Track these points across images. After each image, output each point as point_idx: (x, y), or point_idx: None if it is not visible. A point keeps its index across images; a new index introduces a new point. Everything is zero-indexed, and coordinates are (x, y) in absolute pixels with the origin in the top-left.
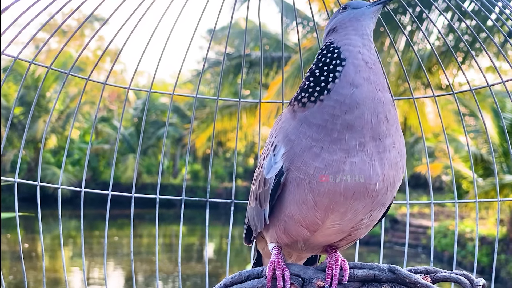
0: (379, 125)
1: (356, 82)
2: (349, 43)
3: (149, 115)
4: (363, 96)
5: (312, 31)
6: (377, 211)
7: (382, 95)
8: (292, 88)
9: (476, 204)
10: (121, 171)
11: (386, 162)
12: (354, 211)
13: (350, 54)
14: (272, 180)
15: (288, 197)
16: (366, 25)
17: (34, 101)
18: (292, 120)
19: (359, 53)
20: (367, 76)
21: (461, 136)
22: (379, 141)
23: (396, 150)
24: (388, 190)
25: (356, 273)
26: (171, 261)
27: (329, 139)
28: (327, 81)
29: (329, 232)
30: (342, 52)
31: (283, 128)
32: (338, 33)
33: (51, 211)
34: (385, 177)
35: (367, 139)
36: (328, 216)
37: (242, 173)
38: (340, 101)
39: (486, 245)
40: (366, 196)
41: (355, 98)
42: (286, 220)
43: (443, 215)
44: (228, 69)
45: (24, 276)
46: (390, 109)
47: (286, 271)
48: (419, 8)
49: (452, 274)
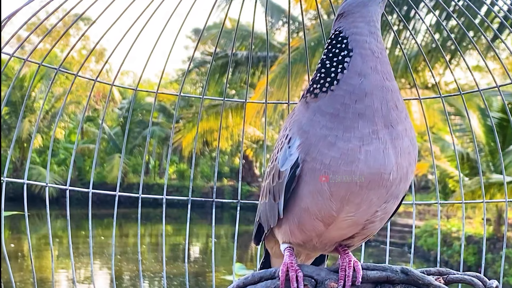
0: (390, 112)
1: (364, 72)
2: (356, 32)
3: (135, 115)
4: (371, 85)
5: (298, 30)
6: (391, 203)
7: (390, 84)
8: (279, 89)
9: (463, 205)
10: (106, 170)
11: (400, 150)
12: (369, 202)
13: (357, 43)
14: (287, 172)
15: (304, 189)
16: (373, 11)
17: (24, 101)
18: (306, 111)
19: (365, 42)
20: (374, 65)
21: (447, 135)
22: (392, 127)
23: (408, 138)
24: (402, 181)
25: (369, 274)
26: (157, 261)
27: (343, 127)
28: (336, 71)
29: (343, 225)
30: (350, 42)
31: (297, 121)
32: (346, 19)
33: (37, 210)
34: (398, 167)
35: (379, 126)
36: (344, 207)
37: (228, 173)
38: (349, 91)
39: (472, 244)
40: (381, 186)
41: (364, 87)
42: (301, 213)
43: (429, 214)
44: (214, 69)
45: (11, 276)
46: (399, 97)
47: (299, 273)
48: (405, 7)
49: (465, 276)
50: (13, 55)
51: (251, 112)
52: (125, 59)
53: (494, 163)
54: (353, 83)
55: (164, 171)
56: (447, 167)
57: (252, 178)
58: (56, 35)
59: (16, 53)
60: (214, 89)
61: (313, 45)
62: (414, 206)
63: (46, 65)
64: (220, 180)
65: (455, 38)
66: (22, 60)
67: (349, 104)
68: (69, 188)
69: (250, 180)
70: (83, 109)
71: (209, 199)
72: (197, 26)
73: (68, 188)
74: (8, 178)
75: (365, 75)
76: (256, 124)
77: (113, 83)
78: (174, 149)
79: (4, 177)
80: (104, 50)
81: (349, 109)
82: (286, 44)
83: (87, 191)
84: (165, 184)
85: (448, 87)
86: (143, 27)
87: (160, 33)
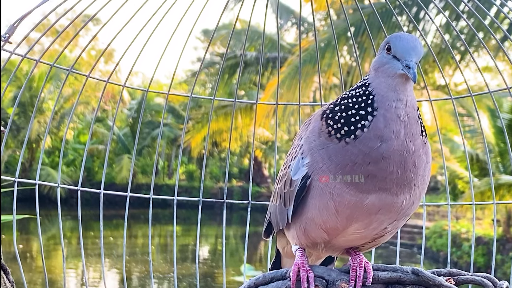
0: (406, 174)
1: (386, 137)
2: (382, 93)
3: (144, 116)
4: (391, 150)
5: (308, 30)
6: (402, 220)
7: (412, 144)
8: (289, 90)
9: (473, 207)
10: (116, 171)
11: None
12: (379, 222)
13: (383, 105)
14: (298, 181)
15: (310, 201)
16: (398, 82)
17: (36, 104)
18: (317, 137)
19: (392, 106)
20: (398, 129)
21: (457, 136)
22: (404, 185)
23: (424, 177)
24: (415, 202)
25: (380, 275)
26: (166, 262)
27: (347, 185)
28: (356, 126)
29: (351, 238)
30: (376, 100)
31: (309, 139)
32: (377, 76)
33: (46, 211)
34: (411, 195)
35: (389, 185)
36: (351, 224)
37: (237, 173)
38: (364, 152)
39: (482, 245)
40: (393, 212)
41: (381, 152)
42: (307, 222)
43: (438, 215)
44: (223, 70)
45: (23, 276)
46: (420, 154)
47: (310, 273)
48: (415, 8)
49: (475, 277)
50: (25, 56)
51: (261, 113)
52: (136, 60)
53: (504, 164)
54: (371, 145)
55: (173, 172)
56: (456, 168)
57: (261, 179)
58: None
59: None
60: (223, 89)
61: (323, 46)
62: (424, 207)
63: (58, 66)
64: (229, 180)
65: (464, 39)
66: (32, 60)
67: (361, 164)
68: (80, 189)
69: (259, 181)
70: (92, 110)
71: (219, 200)
72: (206, 27)
73: (79, 189)
74: (19, 179)
75: (386, 139)
76: (266, 125)
77: (124, 84)
78: (183, 150)
79: (16, 178)
80: (113, 51)
81: (359, 169)
82: (295, 45)
83: (98, 192)
84: (176, 185)
85: (457, 88)
86: (154, 28)
87: (172, 35)
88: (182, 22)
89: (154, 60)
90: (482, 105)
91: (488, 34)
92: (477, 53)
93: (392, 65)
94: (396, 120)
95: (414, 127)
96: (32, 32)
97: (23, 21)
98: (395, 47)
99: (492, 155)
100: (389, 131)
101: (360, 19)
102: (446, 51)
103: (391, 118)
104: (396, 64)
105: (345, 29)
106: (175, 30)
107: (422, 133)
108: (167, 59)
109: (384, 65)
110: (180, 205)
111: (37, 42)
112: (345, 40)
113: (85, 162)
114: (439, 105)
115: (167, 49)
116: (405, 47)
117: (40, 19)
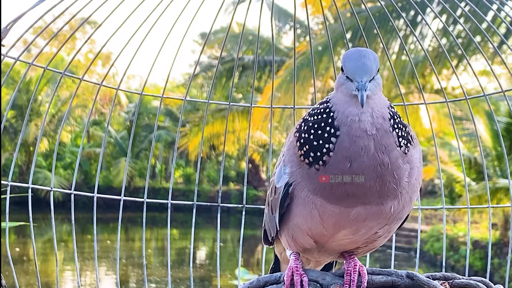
0: (385, 186)
1: (353, 156)
2: (343, 110)
3: (141, 119)
4: (363, 167)
5: (305, 34)
6: (394, 224)
7: (387, 157)
8: (286, 93)
9: (468, 210)
10: (113, 175)
11: (400, 195)
12: (368, 228)
13: (345, 122)
14: (281, 189)
15: (295, 209)
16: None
17: (29, 105)
18: (294, 155)
19: (354, 121)
20: (366, 144)
21: (454, 140)
22: (387, 196)
23: (411, 184)
24: (405, 207)
25: (374, 279)
26: (163, 265)
27: (328, 201)
28: (321, 150)
29: (343, 243)
30: (336, 118)
31: (289, 151)
32: (337, 94)
33: (43, 215)
34: (399, 201)
35: (372, 199)
36: (339, 231)
37: (234, 177)
38: (336, 175)
39: (479, 249)
40: (381, 218)
41: (353, 170)
42: (294, 228)
43: (435, 219)
44: (220, 73)
45: (16, 281)
46: (399, 165)
47: (304, 277)
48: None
49: (470, 281)
50: (18, 59)
51: (258, 116)
52: (131, 63)
53: (501, 168)
54: (341, 167)
55: (170, 175)
56: (454, 171)
57: (259, 182)
58: (62, 39)
59: (22, 57)
60: (221, 93)
61: (320, 50)
62: (419, 211)
63: (51, 69)
64: (226, 184)
65: (461, 43)
66: (27, 64)
67: (337, 186)
68: (74, 193)
69: (256, 184)
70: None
71: (214, 203)
72: (204, 30)
73: (73, 193)
74: (13, 182)
75: (354, 158)
76: (263, 129)
77: (118, 87)
78: (180, 153)
79: (9, 181)
80: (111, 54)
81: (337, 190)
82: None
83: (92, 195)
84: (170, 189)
85: (455, 91)
86: (148, 30)
87: (166, 37)
88: (180, 25)
89: (152, 63)
90: (480, 108)
91: (485, 38)
92: (475, 56)
93: (346, 86)
94: (362, 136)
95: (385, 139)
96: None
97: (24, 24)
98: (345, 68)
99: (489, 158)
100: (357, 149)
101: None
102: (443, 54)
103: (356, 134)
104: (350, 85)
105: (343, 32)
106: (169, 32)
107: (399, 143)
108: (165, 63)
109: (341, 85)
110: (177, 209)
111: (31, 44)
112: (343, 43)
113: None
114: (437, 108)
115: (165, 53)
116: (353, 67)
117: (34, 22)
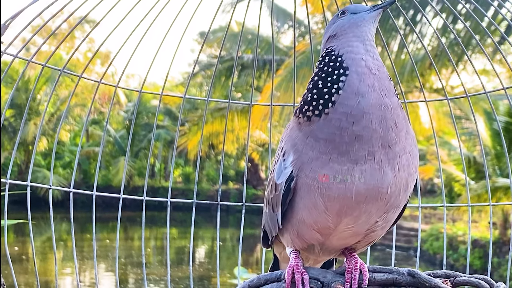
0: (388, 132)
1: (362, 91)
2: (351, 50)
3: (141, 118)
4: (370, 104)
5: (304, 34)
6: (392, 213)
7: (389, 101)
8: (286, 92)
9: (469, 208)
10: (112, 174)
11: (397, 166)
12: (368, 214)
13: (353, 61)
14: (283, 185)
15: (299, 202)
16: (367, 30)
17: (28, 103)
18: (299, 131)
19: (361, 60)
20: (372, 83)
21: (454, 139)
22: (389, 148)
23: (407, 153)
24: (401, 191)
25: (376, 277)
26: (162, 264)
27: (337, 151)
28: (331, 92)
29: (344, 235)
30: (345, 60)
31: (291, 137)
32: (339, 39)
33: (42, 213)
34: (397, 179)
35: (376, 148)
36: (341, 220)
37: (234, 176)
38: (346, 113)
39: (478, 248)
40: (379, 200)
41: (361, 107)
42: (299, 224)
43: (434, 218)
44: (220, 72)
45: (15, 280)
46: (399, 114)
47: (305, 275)
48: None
49: (472, 278)
50: (17, 56)
51: (258, 115)
52: (129, 61)
53: (501, 167)
54: (351, 104)
55: (169, 174)
56: (453, 170)
57: (258, 181)
58: (61, 38)
59: (20, 55)
60: (220, 92)
61: (319, 49)
62: (420, 209)
63: (50, 66)
64: (226, 183)
65: (462, 41)
66: (26, 61)
67: (346, 127)
68: (72, 191)
69: (256, 183)
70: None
71: (214, 202)
72: (204, 30)
73: (71, 191)
74: (11, 180)
75: (363, 94)
76: (263, 128)
77: (117, 85)
78: (180, 152)
79: (7, 179)
80: (110, 53)
81: (346, 133)
82: (292, 48)
83: (91, 194)
84: (169, 187)
85: (454, 90)
86: (147, 29)
87: (165, 36)
88: (179, 24)
89: (151, 62)
90: (479, 108)
91: (485, 36)
92: (474, 55)
93: (356, 16)
94: (368, 74)
95: (386, 82)
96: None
97: (20, 21)
98: (349, 8)
99: (489, 157)
100: (365, 85)
101: None
102: (442, 54)
103: (363, 72)
104: (358, 15)
105: None
106: (167, 31)
107: (396, 94)
108: (164, 61)
109: (345, 24)
110: (177, 208)
111: (29, 41)
112: None
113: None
114: (436, 107)
115: (164, 51)
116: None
117: (32, 19)
